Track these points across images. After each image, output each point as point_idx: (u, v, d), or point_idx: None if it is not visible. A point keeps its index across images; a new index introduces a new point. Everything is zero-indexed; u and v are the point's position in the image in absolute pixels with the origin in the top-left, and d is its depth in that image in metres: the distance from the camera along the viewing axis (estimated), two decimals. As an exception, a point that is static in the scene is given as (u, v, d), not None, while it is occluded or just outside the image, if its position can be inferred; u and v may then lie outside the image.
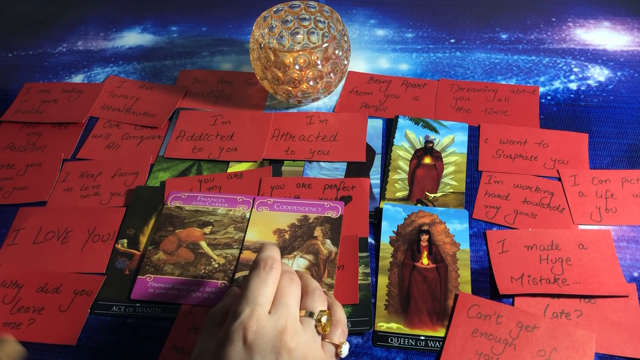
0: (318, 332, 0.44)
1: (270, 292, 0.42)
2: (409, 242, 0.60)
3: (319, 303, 0.45)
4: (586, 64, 0.79)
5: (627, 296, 0.55)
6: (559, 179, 0.65)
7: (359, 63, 0.82)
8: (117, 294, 0.58)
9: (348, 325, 0.55)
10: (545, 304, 0.55)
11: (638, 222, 0.61)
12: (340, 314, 0.48)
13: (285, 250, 0.60)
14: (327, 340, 0.45)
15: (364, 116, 0.73)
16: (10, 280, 0.60)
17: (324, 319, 0.44)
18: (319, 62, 0.70)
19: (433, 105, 0.75)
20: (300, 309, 0.44)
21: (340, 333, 0.46)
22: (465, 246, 0.60)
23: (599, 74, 0.78)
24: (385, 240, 0.61)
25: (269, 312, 0.42)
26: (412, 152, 0.69)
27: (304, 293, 0.46)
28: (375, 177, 0.67)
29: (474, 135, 0.71)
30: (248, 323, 0.40)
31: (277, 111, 0.76)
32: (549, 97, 0.75)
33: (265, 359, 0.39)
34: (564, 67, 0.79)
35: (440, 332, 0.54)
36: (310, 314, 0.44)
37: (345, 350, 0.45)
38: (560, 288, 0.55)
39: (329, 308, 0.47)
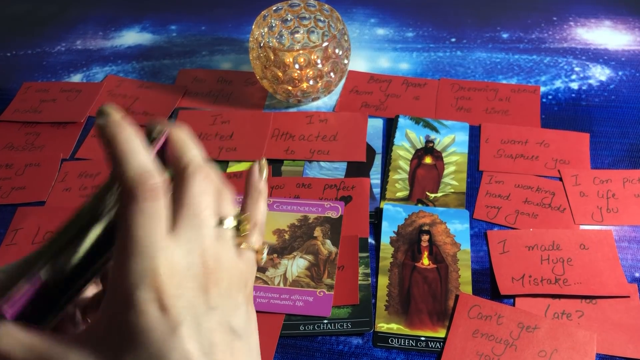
0: (236, 244, 0.33)
1: (164, 225, 0.29)
2: (410, 243, 0.60)
3: (230, 204, 0.33)
4: (587, 63, 0.79)
5: (628, 297, 0.54)
6: (560, 179, 0.65)
7: (359, 62, 0.81)
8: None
9: (348, 325, 0.54)
10: (546, 304, 0.55)
11: (639, 222, 0.61)
12: (258, 212, 0.36)
13: (285, 250, 0.60)
14: (243, 246, 0.33)
15: (364, 116, 0.73)
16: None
17: (245, 227, 0.33)
18: (319, 61, 0.70)
19: (434, 104, 0.74)
20: None
21: (258, 236, 0.35)
22: (465, 246, 0.59)
23: (600, 73, 0.77)
24: (385, 240, 0.60)
25: (173, 231, 0.29)
26: (413, 151, 0.69)
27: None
28: (375, 177, 0.67)
29: (474, 135, 0.70)
30: (158, 282, 0.27)
31: (276, 111, 0.75)
32: (550, 97, 0.75)
33: (192, 314, 0.28)
34: (565, 67, 0.78)
35: (441, 333, 0.53)
36: (222, 223, 0.31)
37: (265, 255, 0.36)
38: (561, 288, 0.55)
39: (243, 205, 0.36)
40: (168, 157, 0.32)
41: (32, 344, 0.29)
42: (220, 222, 0.31)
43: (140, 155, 0.29)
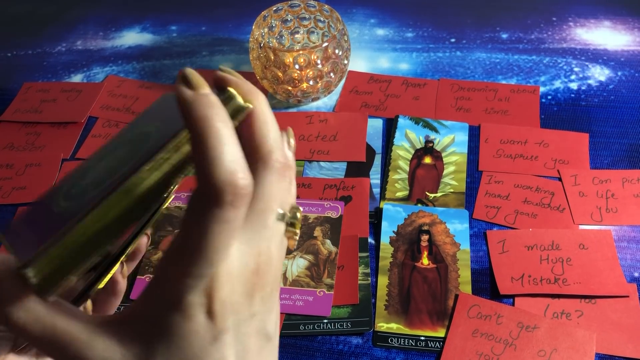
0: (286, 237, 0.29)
1: (238, 231, 0.26)
2: (409, 242, 0.60)
3: (292, 195, 0.29)
4: (587, 63, 0.79)
5: (627, 296, 0.55)
6: (560, 179, 0.65)
7: (359, 62, 0.82)
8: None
9: (348, 325, 0.54)
10: (545, 304, 0.55)
11: (639, 222, 0.61)
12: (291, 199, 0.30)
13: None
14: (289, 240, 0.30)
15: (364, 116, 0.73)
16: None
17: (299, 222, 0.29)
18: (318, 61, 0.70)
19: (433, 104, 0.75)
20: None
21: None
22: (465, 246, 0.60)
23: (599, 73, 0.77)
24: (385, 240, 0.60)
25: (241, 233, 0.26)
26: (412, 151, 0.69)
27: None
28: (375, 177, 0.67)
29: (474, 135, 0.70)
30: (212, 288, 0.25)
31: (276, 111, 0.76)
32: (549, 97, 0.75)
33: (236, 322, 0.26)
34: (565, 67, 0.79)
35: (441, 333, 0.54)
36: (282, 216, 0.28)
37: (294, 242, 0.31)
38: (560, 288, 0.55)
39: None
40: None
41: (53, 325, 0.25)
42: (281, 216, 0.28)
43: (232, 150, 0.24)
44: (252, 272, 0.26)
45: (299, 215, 0.28)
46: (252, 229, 0.26)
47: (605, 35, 0.83)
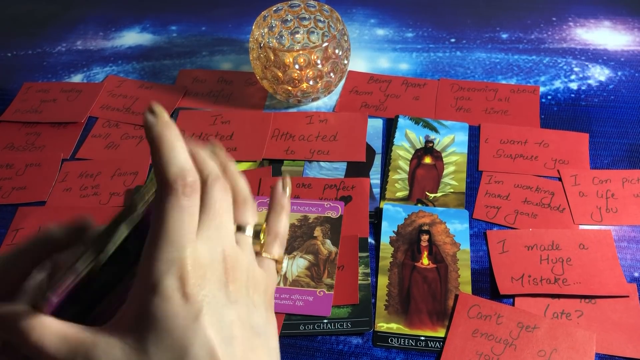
0: (255, 251, 0.36)
1: (195, 221, 0.31)
2: (409, 242, 0.60)
3: (252, 215, 0.36)
4: (587, 63, 0.79)
5: (627, 296, 0.55)
6: (560, 179, 0.65)
7: (359, 62, 0.82)
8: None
9: (348, 325, 0.54)
10: (545, 304, 0.55)
11: (639, 222, 0.61)
12: (280, 225, 0.39)
13: (285, 250, 0.60)
14: (265, 255, 0.37)
15: (364, 116, 0.73)
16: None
17: (262, 236, 0.37)
18: (318, 61, 0.70)
19: (433, 105, 0.75)
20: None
21: (279, 247, 0.38)
22: (465, 246, 0.60)
23: (599, 73, 0.77)
24: (385, 240, 0.60)
25: (198, 229, 0.31)
26: (412, 152, 0.69)
27: (234, 202, 0.35)
28: (375, 177, 0.67)
29: (474, 135, 0.70)
30: (183, 271, 0.29)
31: (276, 111, 0.76)
32: (549, 97, 0.75)
33: (213, 305, 0.30)
34: (565, 67, 0.79)
35: (441, 333, 0.54)
36: (243, 229, 0.35)
37: (285, 265, 0.39)
38: (560, 288, 0.55)
39: (267, 217, 0.39)
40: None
41: (66, 334, 0.29)
42: (240, 228, 0.34)
43: (182, 155, 0.31)
44: (220, 264, 0.31)
45: (264, 234, 0.36)
46: (210, 230, 0.31)
47: (605, 35, 0.83)
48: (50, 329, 0.30)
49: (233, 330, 0.30)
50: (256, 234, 0.36)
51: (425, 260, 0.59)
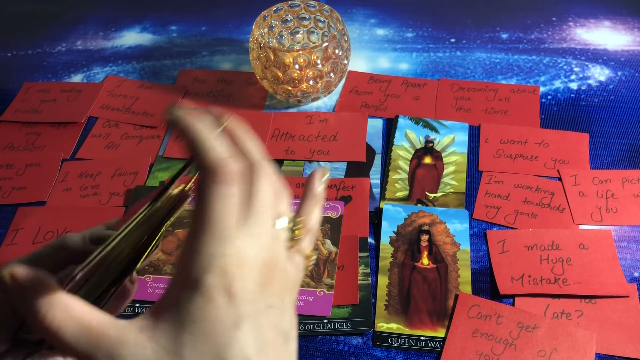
0: (288, 246, 0.33)
1: (238, 212, 0.29)
2: (409, 242, 0.60)
3: (287, 206, 0.34)
4: (587, 63, 0.79)
5: (627, 296, 0.55)
6: (560, 179, 0.65)
7: (359, 62, 0.82)
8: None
9: (348, 325, 0.54)
10: (545, 304, 0.55)
11: (638, 222, 0.61)
12: (313, 218, 0.36)
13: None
14: (295, 250, 0.33)
15: (364, 116, 0.73)
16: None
17: (299, 232, 0.34)
18: (318, 61, 0.70)
19: (433, 104, 0.75)
20: None
21: (309, 242, 0.35)
22: (465, 246, 0.60)
23: (599, 73, 0.77)
24: (385, 240, 0.60)
25: (243, 222, 0.29)
26: (412, 151, 0.69)
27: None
28: (375, 177, 0.67)
29: (474, 135, 0.70)
30: (228, 269, 0.27)
31: (276, 111, 0.76)
32: (549, 97, 0.75)
33: (254, 310, 0.28)
34: (565, 67, 0.79)
35: (441, 333, 0.54)
36: (278, 223, 0.32)
37: (313, 261, 0.36)
38: (560, 288, 0.55)
39: (299, 209, 0.36)
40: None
41: (89, 324, 0.26)
42: (276, 222, 0.31)
43: (221, 144, 0.30)
44: (262, 263, 0.29)
45: (300, 228, 0.33)
46: (255, 226, 0.29)
47: (605, 35, 0.83)
48: (70, 311, 0.26)
49: (268, 337, 0.28)
50: (289, 228, 0.33)
51: (425, 260, 0.59)
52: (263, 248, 0.29)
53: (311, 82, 0.71)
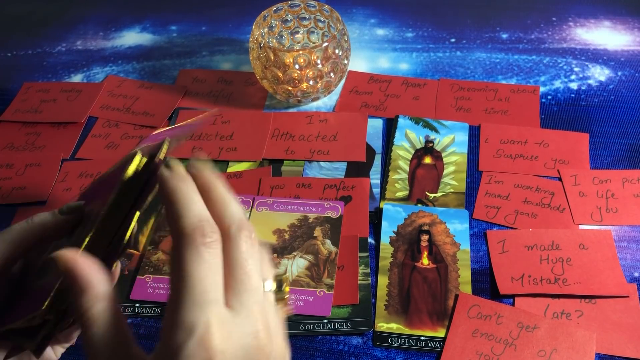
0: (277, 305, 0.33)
1: (220, 277, 0.28)
2: (409, 242, 0.60)
3: (269, 264, 0.32)
4: (587, 63, 0.79)
5: (627, 296, 0.55)
6: (560, 179, 0.65)
7: (359, 62, 0.82)
8: (116, 294, 0.58)
9: (348, 325, 0.54)
10: (545, 304, 0.55)
11: (639, 222, 0.61)
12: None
13: (285, 250, 0.60)
14: (281, 308, 0.34)
15: (364, 116, 0.73)
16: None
17: (287, 290, 0.33)
18: (318, 61, 0.70)
19: (433, 104, 0.75)
20: None
21: (287, 284, 0.34)
22: (465, 246, 0.60)
23: (599, 73, 0.77)
24: (385, 240, 0.60)
25: (228, 306, 0.28)
26: (412, 151, 0.69)
27: None
28: (375, 177, 0.67)
29: (474, 135, 0.70)
30: (210, 338, 0.26)
31: (276, 111, 0.76)
32: (549, 97, 0.75)
33: None
34: (565, 67, 0.79)
35: (441, 333, 0.54)
36: (268, 286, 0.31)
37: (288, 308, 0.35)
38: (560, 288, 0.55)
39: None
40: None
41: (116, 338, 0.28)
42: (264, 286, 0.30)
43: (199, 205, 0.29)
44: (253, 336, 0.28)
45: (286, 286, 0.32)
46: (240, 291, 0.28)
47: (605, 35, 0.83)
48: (110, 311, 0.28)
49: None
50: (277, 284, 0.32)
51: (425, 260, 0.59)
52: (254, 321, 0.28)
53: (311, 82, 0.71)
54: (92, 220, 0.32)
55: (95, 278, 0.29)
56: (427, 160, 0.68)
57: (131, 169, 0.32)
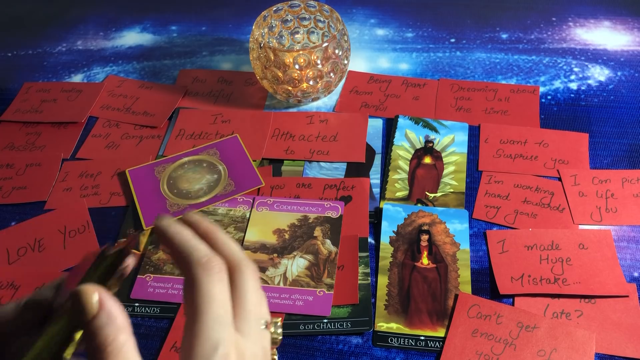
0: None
1: (230, 305, 0.31)
2: (409, 242, 0.60)
3: (266, 306, 0.35)
4: (586, 63, 0.79)
5: (627, 296, 0.55)
6: (559, 179, 0.65)
7: (359, 62, 0.82)
8: (117, 293, 0.58)
9: (348, 325, 0.54)
10: (545, 304, 0.55)
11: (638, 222, 0.61)
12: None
13: (285, 250, 0.60)
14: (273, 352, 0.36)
15: (364, 116, 0.73)
16: (6, 281, 0.60)
17: (280, 331, 0.35)
18: (318, 61, 0.70)
19: (433, 104, 0.75)
20: None
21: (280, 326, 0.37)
22: (465, 246, 0.60)
23: (599, 73, 0.77)
24: (385, 240, 0.60)
25: (237, 330, 0.31)
26: (412, 151, 0.69)
27: None
28: (375, 177, 0.67)
29: (474, 135, 0.70)
30: (230, 357, 0.29)
31: (276, 111, 0.76)
32: (549, 97, 0.75)
33: None
34: (564, 67, 0.79)
35: (440, 332, 0.54)
36: (265, 324, 0.34)
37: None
38: (560, 288, 0.55)
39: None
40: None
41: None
42: (262, 323, 0.33)
43: (205, 245, 0.32)
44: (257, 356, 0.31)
45: (279, 328, 0.34)
46: (247, 320, 0.31)
47: (605, 35, 0.83)
48: (130, 351, 0.28)
49: None
50: (272, 331, 0.34)
51: (425, 260, 0.59)
52: (256, 344, 0.31)
53: (311, 82, 0.71)
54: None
55: (117, 309, 0.30)
56: (427, 160, 0.68)
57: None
